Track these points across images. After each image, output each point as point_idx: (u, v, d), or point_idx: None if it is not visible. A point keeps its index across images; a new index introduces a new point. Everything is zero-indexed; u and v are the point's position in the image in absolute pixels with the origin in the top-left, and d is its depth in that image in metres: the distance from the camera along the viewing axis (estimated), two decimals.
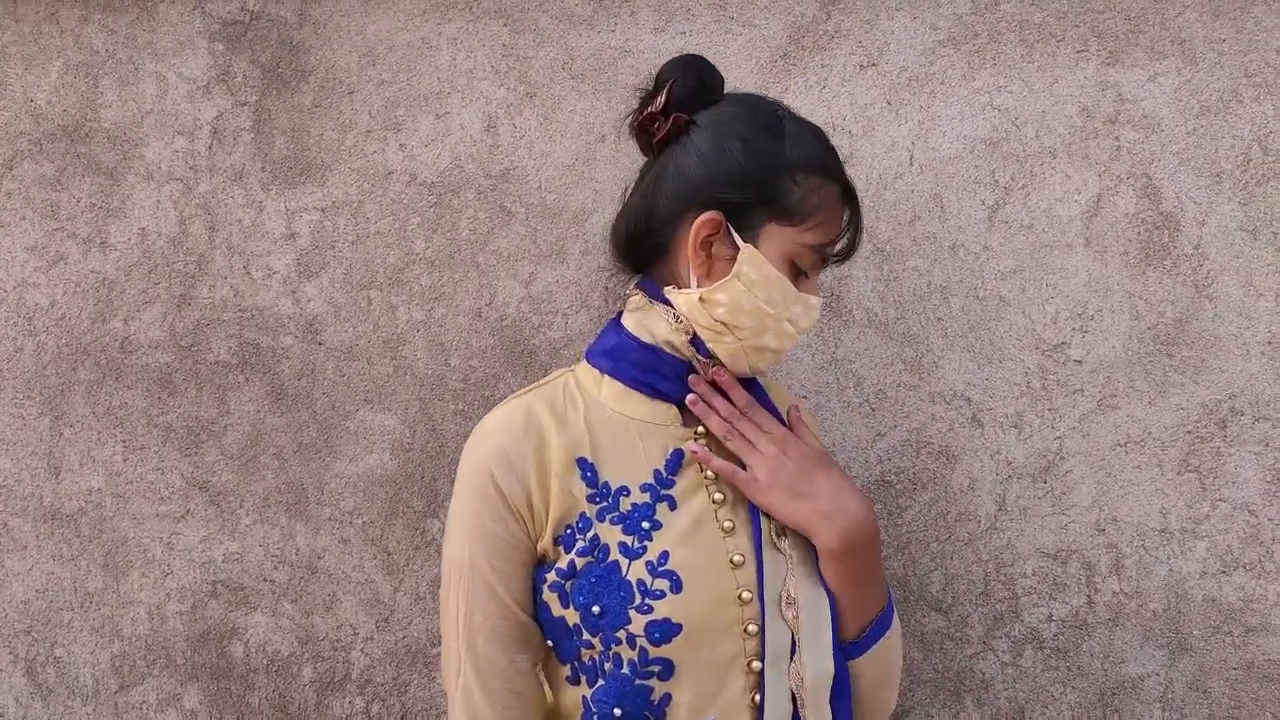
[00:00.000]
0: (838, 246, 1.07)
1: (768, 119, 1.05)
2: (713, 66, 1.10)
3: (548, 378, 1.13)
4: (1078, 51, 1.35)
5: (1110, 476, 1.36)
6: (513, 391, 1.36)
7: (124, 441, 1.39)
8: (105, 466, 1.39)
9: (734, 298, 1.02)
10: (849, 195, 1.08)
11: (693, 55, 1.11)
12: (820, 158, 1.05)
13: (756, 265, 1.02)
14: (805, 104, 1.36)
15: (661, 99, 1.07)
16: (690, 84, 1.07)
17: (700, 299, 1.03)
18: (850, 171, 1.35)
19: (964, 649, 1.38)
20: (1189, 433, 1.35)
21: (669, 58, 1.34)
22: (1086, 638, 1.37)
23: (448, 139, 1.38)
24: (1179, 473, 1.35)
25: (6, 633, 1.40)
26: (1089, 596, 1.36)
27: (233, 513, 1.39)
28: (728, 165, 1.03)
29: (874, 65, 1.36)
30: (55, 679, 1.40)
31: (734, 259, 1.02)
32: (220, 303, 1.39)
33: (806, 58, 1.36)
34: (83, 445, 1.39)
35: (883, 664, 1.08)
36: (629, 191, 1.11)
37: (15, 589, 1.40)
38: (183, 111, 1.38)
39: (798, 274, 1.05)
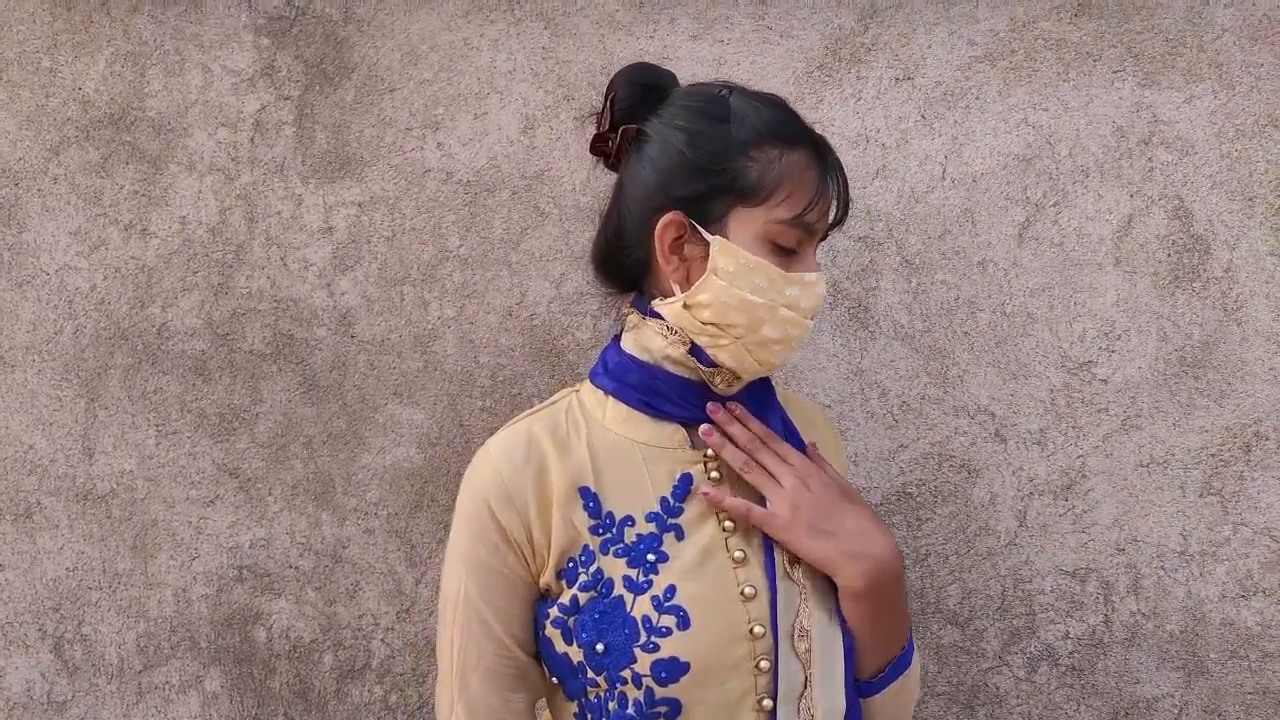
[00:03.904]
0: (815, 212, 0.98)
1: (711, 104, 1.00)
2: (657, 69, 1.06)
3: (551, 399, 1.08)
4: (1114, 71, 1.35)
5: (1132, 497, 1.36)
6: (539, 390, 1.37)
7: (157, 426, 1.42)
8: (138, 450, 1.42)
9: (716, 295, 0.96)
10: (820, 156, 1.00)
11: (636, 64, 1.07)
12: (772, 127, 0.98)
13: (730, 255, 0.96)
14: (840, 115, 1.37)
15: (607, 115, 1.04)
16: (632, 93, 1.03)
17: (685, 305, 0.98)
18: (881, 184, 1.37)
19: (979, 663, 1.38)
20: (1212, 455, 1.35)
21: (707, 65, 1.37)
22: (1102, 657, 1.37)
23: (485, 139, 1.39)
24: (1201, 495, 1.35)
25: (36, 609, 1.43)
26: (1106, 616, 1.37)
27: (261, 500, 1.41)
28: (676, 162, 0.98)
29: (909, 79, 1.37)
30: (81, 656, 1.43)
31: (708, 256, 0.97)
32: (256, 293, 1.41)
33: (843, 69, 1.37)
34: (117, 428, 1.42)
35: (899, 703, 1.04)
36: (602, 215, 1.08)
37: (46, 566, 1.43)
38: (227, 103, 1.41)
39: (784, 254, 0.98)
